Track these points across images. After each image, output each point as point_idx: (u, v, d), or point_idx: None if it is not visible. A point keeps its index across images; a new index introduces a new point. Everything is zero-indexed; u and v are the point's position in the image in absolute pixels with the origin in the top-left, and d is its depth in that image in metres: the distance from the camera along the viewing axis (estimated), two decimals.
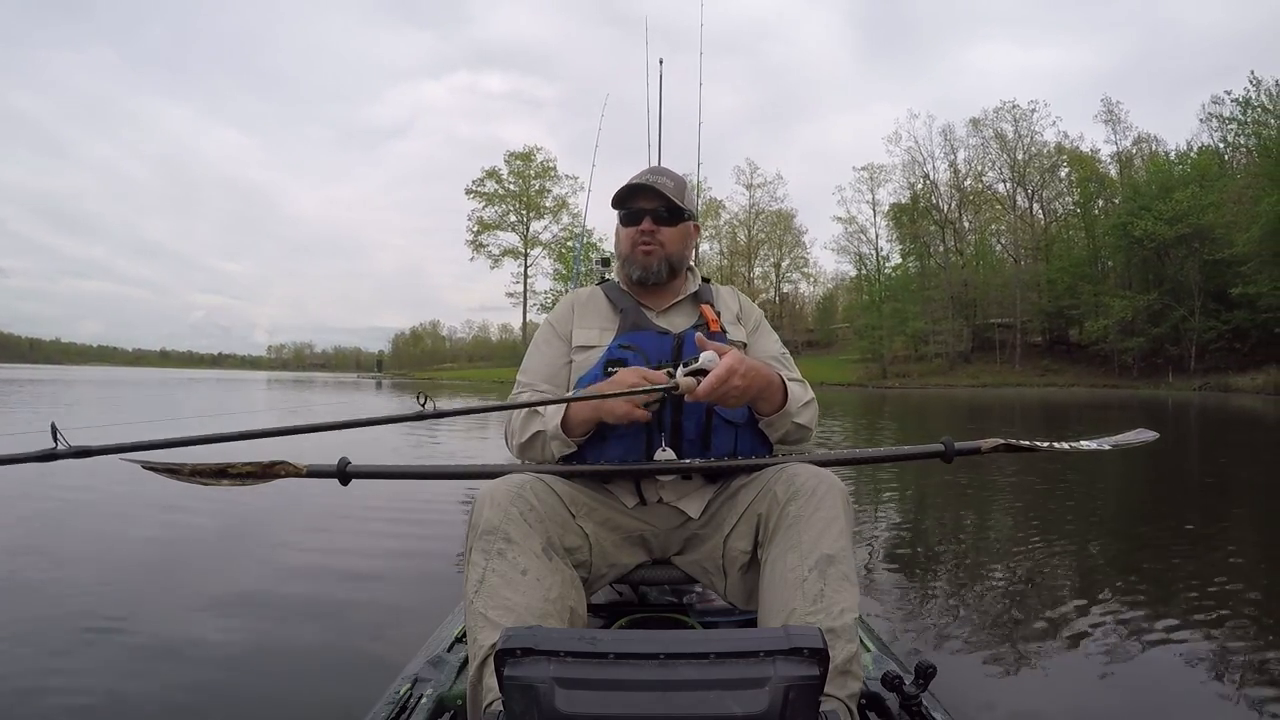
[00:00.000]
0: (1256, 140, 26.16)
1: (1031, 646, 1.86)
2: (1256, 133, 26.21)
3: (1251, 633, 1.95)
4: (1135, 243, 29.36)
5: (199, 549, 2.88)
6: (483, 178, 47.16)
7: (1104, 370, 31.40)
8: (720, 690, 0.54)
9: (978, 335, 38.33)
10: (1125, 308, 29.38)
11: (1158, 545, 3.10)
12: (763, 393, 1.02)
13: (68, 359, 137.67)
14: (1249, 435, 9.37)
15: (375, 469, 1.14)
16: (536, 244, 47.02)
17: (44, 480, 3.95)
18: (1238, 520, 3.82)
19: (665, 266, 1.19)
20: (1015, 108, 38.13)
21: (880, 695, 0.97)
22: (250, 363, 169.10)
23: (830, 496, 0.91)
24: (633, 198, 1.19)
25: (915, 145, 41.25)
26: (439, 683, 1.06)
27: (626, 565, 1.08)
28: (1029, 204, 38.53)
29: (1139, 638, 1.91)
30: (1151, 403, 18.19)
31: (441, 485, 3.82)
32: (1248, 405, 16.35)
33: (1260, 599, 2.27)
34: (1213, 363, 27.09)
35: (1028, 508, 3.98)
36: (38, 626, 1.94)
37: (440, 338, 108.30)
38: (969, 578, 2.57)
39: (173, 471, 1.07)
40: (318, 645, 1.84)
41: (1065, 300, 33.47)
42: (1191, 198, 27.44)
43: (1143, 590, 2.36)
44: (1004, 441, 1.08)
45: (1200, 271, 27.70)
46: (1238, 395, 21.18)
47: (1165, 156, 32.97)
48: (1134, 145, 36.16)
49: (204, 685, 1.58)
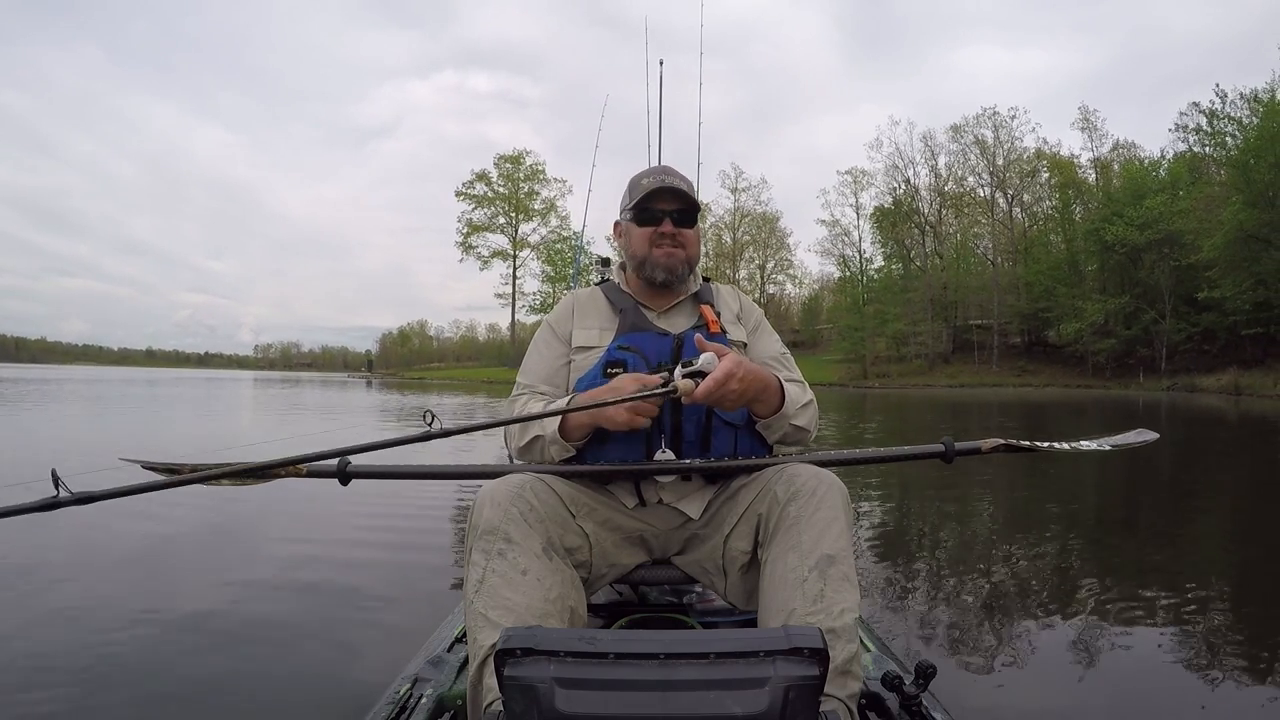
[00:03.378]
0: (1222, 151, 26.98)
1: (1032, 646, 1.87)
2: (1220, 144, 27.04)
3: (1251, 633, 1.97)
4: (1108, 248, 30.15)
5: (197, 549, 2.85)
6: (472, 180, 47.29)
7: (1078, 371, 32.16)
8: (720, 690, 0.55)
9: (957, 336, 39.03)
10: (1098, 310, 30.13)
11: (1158, 545, 3.15)
12: (760, 395, 1.02)
13: (53, 358, 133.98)
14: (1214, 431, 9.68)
15: (375, 469, 1.13)
16: (525, 246, 47.10)
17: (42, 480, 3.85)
18: (1235, 520, 3.89)
19: (686, 268, 1.19)
20: (995, 114, 38.90)
21: (880, 695, 0.98)
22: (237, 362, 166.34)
23: (831, 497, 0.92)
24: (653, 198, 1.18)
25: (896, 151, 41.94)
26: (439, 683, 1.06)
27: (626, 565, 1.08)
28: (1009, 207, 39.28)
29: (1140, 637, 1.92)
30: (1122, 402, 18.70)
31: (441, 485, 3.86)
32: (1212, 404, 16.87)
33: (1261, 599, 2.32)
34: (1182, 364, 27.91)
35: (1028, 508, 4.04)
36: (35, 626, 1.90)
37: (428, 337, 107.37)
38: (969, 578, 2.58)
39: (173, 473, 1.08)
40: (318, 645, 1.84)
41: (1042, 303, 34.23)
42: (1162, 205, 28.24)
43: (1143, 590, 2.38)
44: (1004, 442, 1.08)
45: (1171, 276, 28.51)
46: (1203, 395, 21.86)
47: (1140, 163, 33.84)
48: (1111, 151, 37.10)
49: (204, 685, 1.57)
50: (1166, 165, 31.51)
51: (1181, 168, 29.90)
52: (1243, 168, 24.10)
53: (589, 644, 0.56)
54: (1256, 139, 23.89)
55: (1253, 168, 23.53)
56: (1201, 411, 14.18)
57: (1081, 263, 34.04)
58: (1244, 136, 25.28)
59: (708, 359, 0.95)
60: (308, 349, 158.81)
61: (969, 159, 40.14)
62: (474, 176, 47.20)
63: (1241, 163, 24.35)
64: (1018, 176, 38.63)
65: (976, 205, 40.52)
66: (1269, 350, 24.29)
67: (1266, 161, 23.04)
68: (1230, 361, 25.32)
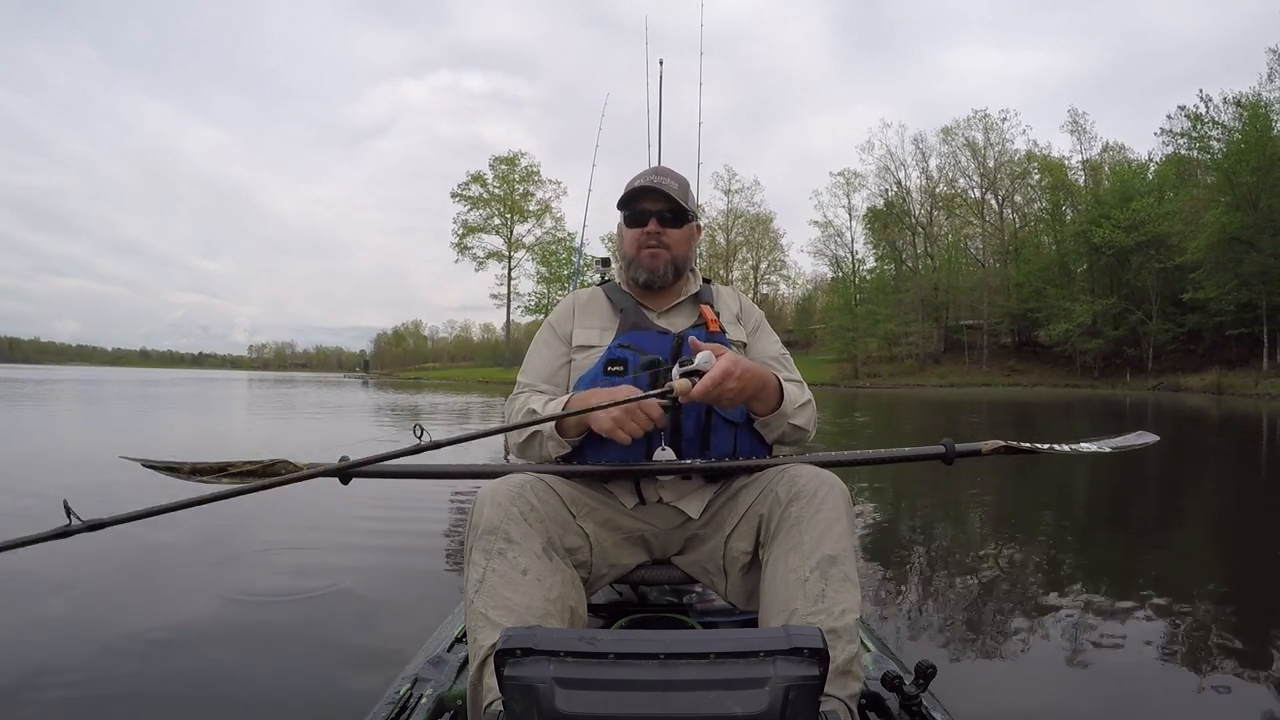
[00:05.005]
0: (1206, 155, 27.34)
1: (1032, 646, 1.88)
2: (1204, 148, 27.41)
3: (1248, 632, 1.98)
4: (1096, 250, 30.50)
5: (194, 550, 2.83)
6: (468, 181, 47.26)
7: (1067, 370, 32.50)
8: (720, 690, 0.55)
9: (948, 337, 39.34)
10: (1086, 311, 30.47)
11: (1158, 545, 3.18)
12: (759, 393, 1.02)
13: (47, 358, 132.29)
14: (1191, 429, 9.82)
15: (375, 468, 1.12)
16: (520, 247, 47.12)
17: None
18: (1229, 520, 3.92)
19: (671, 269, 1.18)
20: (986, 117, 39.22)
21: (880, 695, 0.98)
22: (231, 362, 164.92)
23: (832, 497, 0.92)
24: (638, 199, 1.17)
25: (888, 153, 42.22)
26: (439, 683, 1.05)
27: (627, 565, 1.08)
28: (999, 208, 39.64)
29: (1139, 637, 1.93)
30: (1110, 401, 18.95)
31: (441, 485, 3.84)
32: (1195, 404, 17.16)
33: (1262, 598, 2.33)
34: (1168, 363, 28.30)
35: (1026, 507, 4.06)
36: (31, 631, 1.88)
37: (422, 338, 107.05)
38: (968, 578, 2.59)
39: (173, 470, 1.07)
40: (318, 645, 1.83)
41: (1031, 303, 34.59)
42: (1149, 207, 28.61)
43: (1142, 590, 2.40)
44: (1004, 443, 1.08)
45: (1158, 277, 28.89)
46: (1188, 395, 22.19)
47: (1128, 166, 34.24)
48: (1101, 154, 37.47)
49: (203, 686, 1.57)
50: (1154, 168, 31.93)
51: (1169, 170, 30.30)
52: (1226, 171, 24.46)
53: (589, 644, 0.56)
54: (1241, 143, 24.26)
55: (1236, 171, 23.89)
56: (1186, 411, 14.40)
57: (1071, 264, 34.42)
58: (1228, 140, 25.65)
59: (704, 358, 0.95)
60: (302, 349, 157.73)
61: (960, 161, 40.50)
62: (470, 178, 47.23)
63: (1225, 167, 24.72)
64: (1008, 178, 38.99)
65: (967, 206, 40.87)
66: (1254, 350, 24.67)
67: (1249, 165, 23.39)
68: (1215, 361, 25.72)
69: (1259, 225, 23.32)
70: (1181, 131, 28.05)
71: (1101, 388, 27.96)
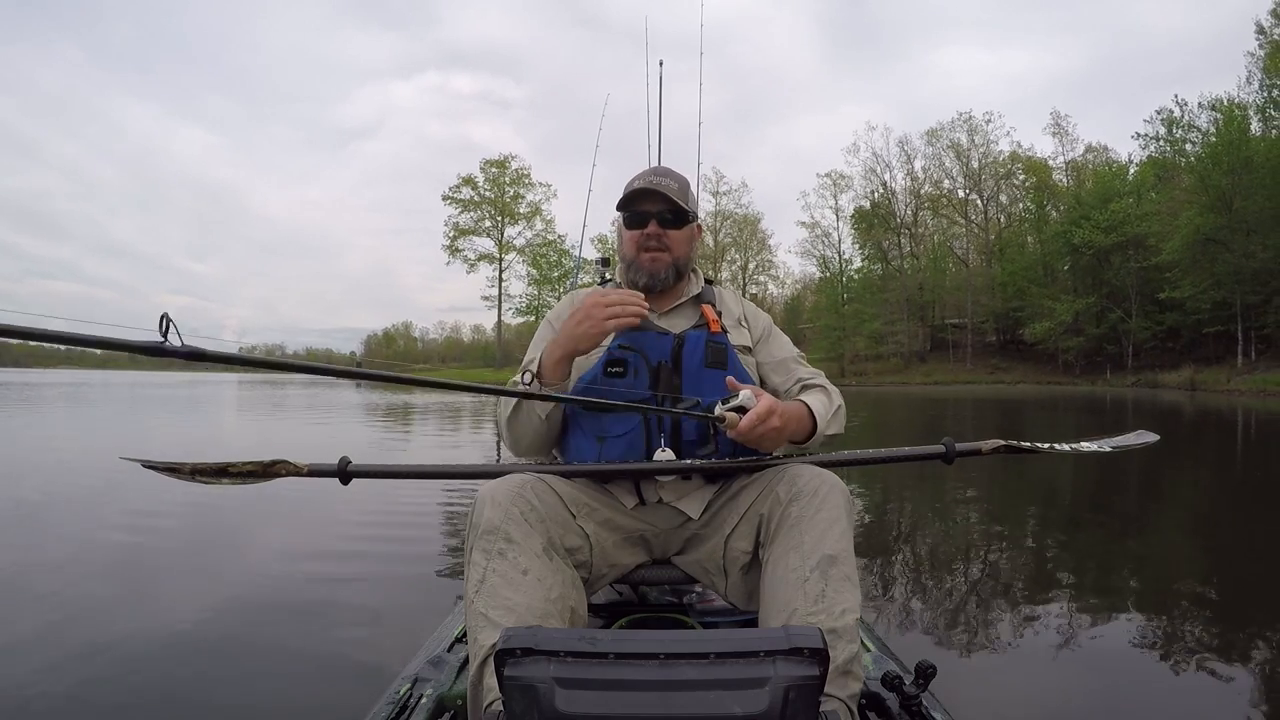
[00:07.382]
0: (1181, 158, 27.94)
1: (1032, 646, 1.89)
2: (1179, 151, 28.00)
3: (1247, 631, 2.01)
4: (1076, 250, 31.05)
5: (193, 551, 2.80)
6: (459, 184, 47.09)
7: (1049, 368, 33.05)
8: (720, 690, 0.55)
9: (933, 335, 39.81)
10: (1068, 310, 31.00)
11: (1158, 545, 3.20)
12: (798, 429, 1.04)
13: (35, 362, 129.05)
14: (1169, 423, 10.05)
15: (376, 468, 1.13)
16: (511, 249, 47.03)
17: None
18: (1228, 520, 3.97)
19: (672, 272, 1.17)
20: (970, 119, 39.71)
21: (880, 695, 0.98)
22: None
23: (832, 497, 0.93)
24: (637, 200, 1.16)
25: (873, 155, 42.66)
26: (439, 683, 1.05)
27: (627, 565, 1.08)
28: (984, 208, 40.16)
29: (1139, 636, 1.95)
30: (1090, 397, 19.31)
31: (441, 485, 3.85)
32: (1170, 399, 17.57)
33: (1262, 599, 2.35)
34: (1148, 360, 28.88)
35: (1025, 507, 4.08)
36: (25, 632, 1.86)
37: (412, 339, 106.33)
38: (968, 578, 2.60)
39: (174, 470, 1.05)
40: (318, 645, 1.82)
41: (1015, 302, 35.12)
42: (1127, 208, 29.16)
43: (1140, 590, 2.42)
44: (1005, 443, 1.08)
45: (1137, 277, 29.46)
46: (1165, 390, 22.77)
47: (1109, 167, 34.87)
48: (1084, 155, 38.10)
49: (203, 686, 1.56)
50: (1134, 169, 32.53)
51: (1148, 172, 30.89)
52: (1200, 174, 25.01)
53: (589, 644, 0.56)
54: (1216, 145, 24.81)
55: (1210, 174, 24.42)
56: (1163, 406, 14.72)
57: (1054, 263, 34.99)
58: (1203, 143, 26.23)
59: (747, 396, 0.95)
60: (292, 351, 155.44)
61: (944, 163, 40.99)
62: (460, 181, 47.09)
63: (1199, 169, 25.27)
64: (992, 179, 39.52)
65: (953, 207, 41.36)
66: (1229, 348, 25.26)
67: (1222, 168, 23.93)
68: (1193, 358, 26.34)
69: (1232, 226, 23.86)
70: (1157, 135, 28.68)
71: (1083, 384, 28.48)
